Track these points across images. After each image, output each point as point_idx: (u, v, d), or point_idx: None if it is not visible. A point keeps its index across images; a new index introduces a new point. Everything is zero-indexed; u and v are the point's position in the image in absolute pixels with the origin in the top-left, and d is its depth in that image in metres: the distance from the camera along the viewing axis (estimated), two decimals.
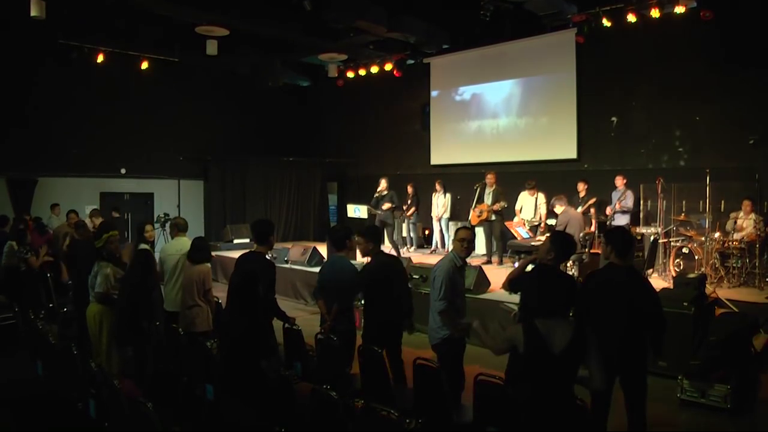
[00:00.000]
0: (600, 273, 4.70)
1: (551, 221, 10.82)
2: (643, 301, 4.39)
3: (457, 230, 5.43)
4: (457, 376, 5.05)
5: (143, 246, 6.84)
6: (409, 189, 13.32)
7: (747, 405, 5.76)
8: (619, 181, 10.90)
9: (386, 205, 12.28)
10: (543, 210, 11.15)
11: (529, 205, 11.30)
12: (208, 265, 6.34)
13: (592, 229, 10.39)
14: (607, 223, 10.72)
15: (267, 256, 5.84)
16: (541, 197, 11.21)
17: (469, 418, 4.37)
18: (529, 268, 4.90)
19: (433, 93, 15.42)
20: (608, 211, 10.81)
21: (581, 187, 11.14)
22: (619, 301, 4.36)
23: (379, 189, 12.74)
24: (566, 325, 3.45)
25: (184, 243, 6.66)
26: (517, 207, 11.44)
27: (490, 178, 11.36)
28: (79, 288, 6.96)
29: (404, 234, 13.77)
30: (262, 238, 5.50)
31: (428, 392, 4.52)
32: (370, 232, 5.79)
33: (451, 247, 13.00)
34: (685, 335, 6.41)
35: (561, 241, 4.72)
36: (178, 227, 7.00)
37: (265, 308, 5.49)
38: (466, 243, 5.17)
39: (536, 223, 11.12)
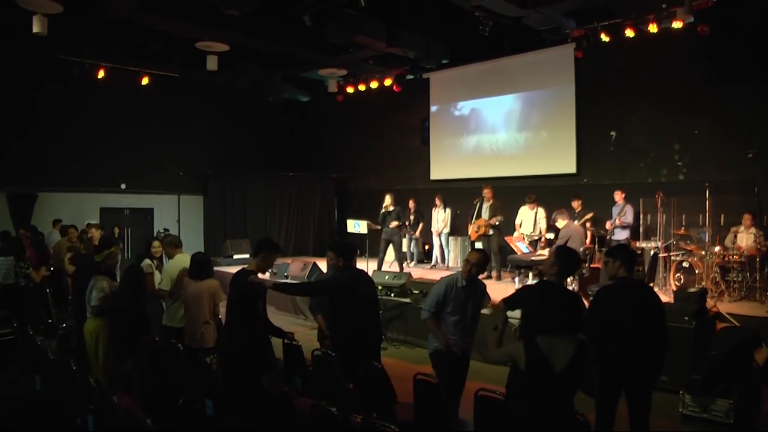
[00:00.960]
0: (612, 287, 4.63)
1: (551, 235, 10.83)
2: (655, 314, 4.41)
3: (470, 251, 5.60)
4: (453, 389, 5.02)
5: (147, 261, 6.86)
6: (411, 204, 13.31)
7: (749, 419, 5.73)
8: (618, 196, 10.88)
9: (393, 224, 12.20)
10: (543, 224, 11.13)
11: (529, 219, 11.28)
12: (216, 281, 6.31)
13: (588, 243, 10.39)
14: (607, 237, 10.71)
15: (264, 275, 5.78)
16: (541, 212, 11.19)
17: None
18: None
19: (433, 108, 15.47)
20: (608, 225, 10.80)
21: (576, 204, 11.18)
22: (631, 314, 4.36)
23: (385, 205, 12.46)
24: (568, 342, 3.43)
25: (187, 259, 6.64)
26: (517, 221, 11.43)
27: (487, 192, 11.34)
28: (79, 302, 6.94)
29: (405, 249, 13.74)
30: (255, 252, 5.61)
31: (428, 407, 4.49)
32: (341, 247, 5.73)
33: (451, 263, 13.18)
34: (686, 349, 6.40)
35: (565, 256, 4.68)
36: (174, 244, 7.01)
37: (263, 324, 5.47)
38: (468, 265, 5.18)
39: (536, 238, 11.10)
